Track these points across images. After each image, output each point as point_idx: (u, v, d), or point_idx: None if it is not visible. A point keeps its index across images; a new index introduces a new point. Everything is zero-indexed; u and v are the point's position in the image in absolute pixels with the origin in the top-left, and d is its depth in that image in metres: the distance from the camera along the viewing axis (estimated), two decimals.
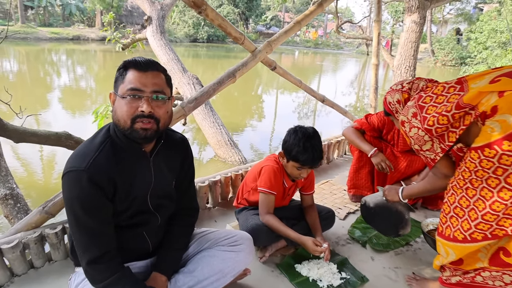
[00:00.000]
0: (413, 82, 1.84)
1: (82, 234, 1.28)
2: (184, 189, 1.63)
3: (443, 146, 1.55)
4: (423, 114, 1.56)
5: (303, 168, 1.94)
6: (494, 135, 1.32)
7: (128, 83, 1.27)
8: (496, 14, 20.21)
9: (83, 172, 1.23)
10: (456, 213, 1.51)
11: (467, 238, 1.47)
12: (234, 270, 1.59)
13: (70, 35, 27.70)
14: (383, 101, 1.96)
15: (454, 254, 1.55)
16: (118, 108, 1.28)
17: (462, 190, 1.48)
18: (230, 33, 2.46)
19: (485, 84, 1.40)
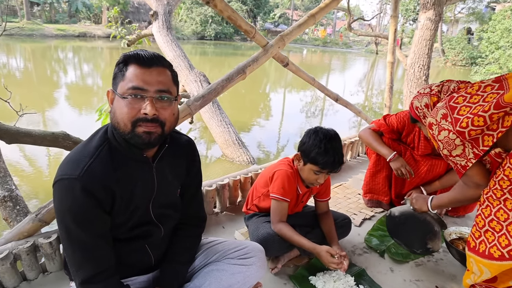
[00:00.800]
0: (443, 85, 1.70)
1: (75, 250, 1.13)
2: (190, 197, 1.48)
3: (477, 151, 1.39)
4: (454, 116, 1.42)
5: (321, 173, 1.78)
6: None
7: (129, 81, 1.10)
8: (510, 13, 19.89)
9: (76, 181, 1.08)
10: (492, 227, 1.36)
11: (504, 256, 1.32)
12: (244, 286, 1.43)
13: (76, 32, 27.62)
14: (409, 106, 1.81)
15: (489, 272, 1.40)
16: (117, 109, 1.12)
17: (499, 201, 1.34)
18: (240, 25, 2.31)
19: None
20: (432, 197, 1.80)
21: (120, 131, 1.13)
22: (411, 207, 1.91)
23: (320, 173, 1.79)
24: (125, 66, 1.12)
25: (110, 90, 1.16)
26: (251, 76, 2.64)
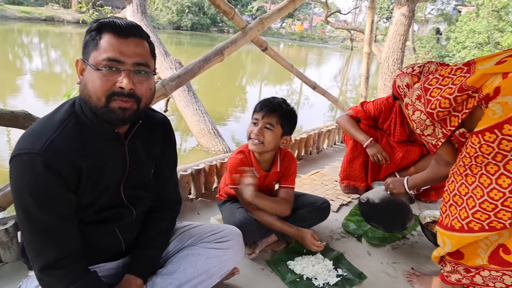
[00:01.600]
0: (424, 66, 1.77)
1: (35, 232, 1.03)
2: (165, 178, 1.39)
3: (445, 131, 1.49)
4: (427, 97, 1.50)
5: (257, 120, 1.77)
6: (495, 118, 1.25)
7: (103, 51, 1.01)
8: (475, 15, 20.69)
9: (37, 155, 0.98)
10: (455, 201, 1.42)
11: (464, 228, 1.37)
12: (221, 270, 1.38)
13: (43, 15, 25.82)
14: (392, 84, 1.86)
15: (450, 244, 1.46)
16: (89, 81, 1.02)
17: (462, 177, 1.40)
18: (219, 5, 2.24)
19: (491, 66, 1.33)
20: (407, 178, 1.85)
21: (91, 105, 1.04)
22: (388, 191, 1.93)
23: (256, 120, 1.78)
24: (99, 34, 1.02)
25: (80, 59, 1.05)
26: (227, 68, 2.58)
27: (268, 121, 1.76)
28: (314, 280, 1.68)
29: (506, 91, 1.23)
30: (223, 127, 6.84)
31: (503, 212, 1.26)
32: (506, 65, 1.27)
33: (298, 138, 3.15)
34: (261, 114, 1.76)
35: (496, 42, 18.08)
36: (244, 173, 1.71)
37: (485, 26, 18.63)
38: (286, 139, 1.85)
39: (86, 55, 1.03)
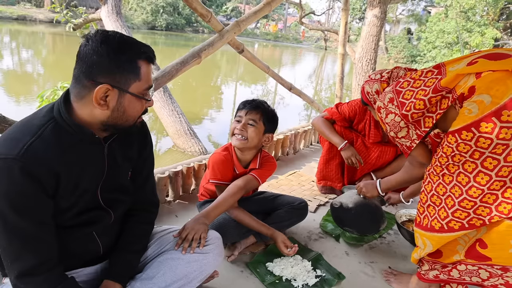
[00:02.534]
0: (392, 71, 1.80)
1: (12, 239, 1.01)
2: (142, 181, 1.38)
3: (419, 132, 1.50)
4: (400, 100, 1.51)
5: (240, 117, 1.82)
6: (471, 117, 1.28)
7: (145, 81, 1.10)
8: (444, 16, 21.31)
9: (15, 161, 0.96)
10: (433, 201, 1.44)
11: (444, 228, 1.40)
12: (201, 274, 1.38)
13: (15, 14, 25.16)
14: (361, 90, 1.88)
15: (431, 245, 1.48)
16: (130, 108, 1.11)
17: (439, 176, 1.42)
18: (196, 8, 2.23)
19: (463, 67, 1.35)
20: (379, 181, 1.87)
21: (124, 125, 1.14)
22: (361, 195, 1.96)
23: (239, 118, 1.83)
24: (136, 64, 1.06)
25: (109, 87, 1.03)
26: (202, 68, 2.58)
27: (251, 117, 1.80)
28: (293, 281, 1.70)
29: (481, 90, 1.26)
30: (199, 126, 6.81)
31: (481, 209, 1.30)
32: (479, 65, 1.30)
33: (275, 139, 3.18)
34: (245, 111, 1.81)
35: (464, 42, 18.67)
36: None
37: (453, 27, 19.21)
38: (268, 137, 1.88)
39: (123, 83, 1.06)
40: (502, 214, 1.26)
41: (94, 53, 1.00)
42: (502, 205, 1.26)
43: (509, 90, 1.19)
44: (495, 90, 1.22)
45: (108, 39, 1.03)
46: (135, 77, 1.06)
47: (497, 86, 1.22)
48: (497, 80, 1.23)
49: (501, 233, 1.29)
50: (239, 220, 1.78)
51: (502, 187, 1.26)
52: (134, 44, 1.08)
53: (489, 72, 1.26)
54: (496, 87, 1.23)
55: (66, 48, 17.32)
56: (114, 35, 1.05)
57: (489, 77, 1.26)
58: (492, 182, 1.26)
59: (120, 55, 1.03)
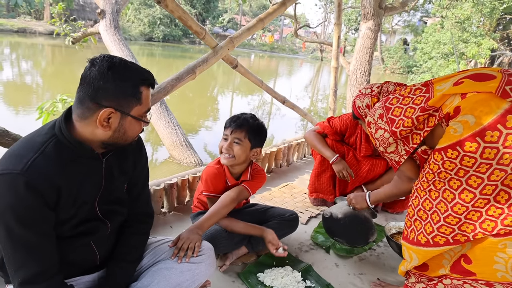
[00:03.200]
0: (382, 86, 1.84)
1: (17, 249, 1.08)
2: (138, 193, 1.45)
3: (407, 148, 1.55)
4: (389, 116, 1.56)
5: (226, 136, 1.88)
6: (457, 136, 1.33)
7: (145, 105, 1.20)
8: (439, 27, 21.46)
9: (19, 176, 1.03)
10: (420, 216, 1.50)
11: (429, 242, 1.45)
12: (194, 284, 1.43)
13: (15, 27, 25.67)
14: (352, 104, 1.93)
15: (417, 258, 1.53)
16: (130, 129, 1.20)
17: (425, 192, 1.47)
18: (190, 26, 2.31)
19: (449, 87, 1.40)
20: (369, 193, 1.93)
21: (123, 144, 1.24)
22: (351, 206, 2.01)
23: (226, 136, 1.89)
24: (138, 89, 1.16)
25: (112, 110, 1.11)
26: (199, 79, 2.65)
27: (236, 136, 1.86)
28: None
29: (466, 110, 1.31)
30: (195, 137, 6.88)
31: (466, 225, 1.35)
32: (464, 86, 1.36)
33: (268, 152, 3.24)
34: (230, 130, 1.87)
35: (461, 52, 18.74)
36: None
37: (449, 37, 19.30)
38: (256, 152, 1.95)
39: (127, 106, 1.16)
40: (485, 231, 1.31)
41: (100, 78, 1.08)
42: (486, 222, 1.31)
43: (493, 111, 1.24)
44: (479, 111, 1.27)
45: (115, 65, 1.11)
46: (137, 101, 1.15)
47: (481, 107, 1.27)
48: (481, 101, 1.28)
49: (485, 249, 1.34)
50: (228, 227, 1.85)
51: (486, 204, 1.31)
52: (138, 71, 1.17)
53: (473, 93, 1.32)
54: (480, 108, 1.27)
55: (66, 59, 17.46)
56: (119, 61, 1.13)
57: (473, 98, 1.31)
58: (476, 200, 1.31)
59: (125, 82, 1.12)
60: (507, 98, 1.23)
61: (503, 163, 1.23)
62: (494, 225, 1.30)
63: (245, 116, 1.92)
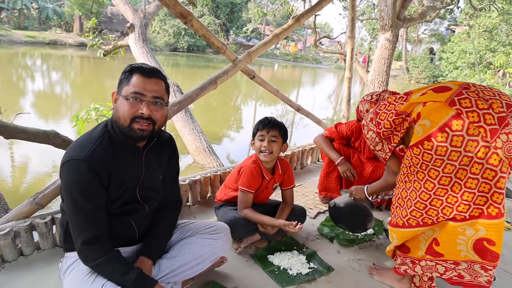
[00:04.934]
0: (380, 94, 2.11)
1: (80, 216, 1.41)
2: (170, 183, 1.79)
3: (390, 147, 1.82)
4: (377, 119, 1.83)
5: (263, 136, 2.19)
6: (418, 136, 1.59)
7: (132, 86, 1.43)
8: (466, 36, 21.14)
9: (83, 161, 1.37)
10: (399, 203, 1.77)
11: (405, 224, 1.73)
12: (212, 256, 1.75)
13: (47, 39, 27.08)
14: (356, 109, 2.21)
15: (397, 238, 1.80)
16: (120, 107, 1.44)
17: (402, 183, 1.74)
18: (213, 42, 2.65)
19: (417, 96, 1.67)
20: (366, 186, 2.20)
21: (119, 124, 1.44)
22: (351, 197, 2.27)
23: (262, 137, 2.20)
24: (130, 74, 1.44)
25: (115, 92, 1.47)
26: (222, 89, 2.98)
27: (273, 134, 2.20)
28: (289, 270, 2.04)
29: (424, 115, 1.58)
30: (218, 146, 7.20)
31: (431, 210, 1.62)
32: (426, 96, 1.62)
33: (283, 155, 3.54)
34: (266, 130, 2.20)
35: (488, 62, 18.35)
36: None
37: (475, 46, 18.94)
38: (285, 146, 2.29)
39: (120, 88, 1.45)
40: (445, 216, 1.59)
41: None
42: (446, 208, 1.58)
43: (442, 117, 1.52)
44: (433, 116, 1.54)
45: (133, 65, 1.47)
46: (127, 82, 1.44)
47: (434, 114, 1.54)
48: (435, 109, 1.55)
49: (448, 233, 1.61)
50: (248, 217, 2.16)
51: (445, 194, 1.57)
52: (137, 65, 1.48)
53: (431, 102, 1.59)
54: (433, 114, 1.55)
55: (94, 69, 18.25)
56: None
57: (430, 106, 1.58)
58: (437, 189, 1.58)
59: (125, 71, 1.46)
60: (453, 106, 1.50)
61: (452, 159, 1.50)
62: (451, 210, 1.56)
63: (272, 117, 2.27)
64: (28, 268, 1.84)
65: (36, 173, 5.10)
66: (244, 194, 2.21)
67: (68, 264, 1.57)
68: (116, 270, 1.46)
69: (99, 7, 30.29)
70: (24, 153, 5.73)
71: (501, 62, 17.22)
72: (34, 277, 1.78)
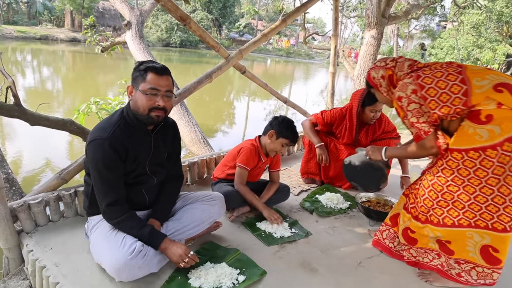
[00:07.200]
0: (397, 61, 2.04)
1: (104, 184, 1.79)
2: (173, 160, 2.17)
3: (434, 124, 1.82)
4: (423, 93, 1.78)
5: (287, 145, 2.62)
6: (481, 141, 1.61)
7: (148, 83, 1.75)
8: (455, 32, 21.47)
9: (106, 140, 1.75)
10: (440, 205, 1.85)
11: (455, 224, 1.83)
12: (210, 219, 2.15)
13: (38, 34, 27.05)
14: (367, 75, 2.17)
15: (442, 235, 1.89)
16: (139, 100, 1.77)
17: (442, 187, 1.81)
18: (208, 42, 3.03)
19: (490, 90, 1.63)
20: (385, 148, 2.20)
21: (138, 114, 1.80)
22: (367, 156, 2.29)
23: (286, 146, 2.62)
24: (145, 73, 1.78)
25: (131, 86, 1.83)
26: (217, 84, 3.34)
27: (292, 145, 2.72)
28: (274, 234, 2.44)
29: (497, 122, 1.56)
30: (211, 140, 7.52)
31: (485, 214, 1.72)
32: (503, 97, 1.58)
33: None
34: (292, 144, 2.65)
35: (475, 58, 18.47)
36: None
37: (463, 43, 19.16)
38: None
39: (136, 84, 1.80)
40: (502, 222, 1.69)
41: (133, 70, 1.82)
42: (502, 217, 1.69)
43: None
44: (505, 125, 1.56)
45: (139, 62, 1.82)
46: (143, 80, 1.76)
47: (507, 123, 1.56)
48: (509, 118, 1.57)
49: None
50: (241, 192, 2.56)
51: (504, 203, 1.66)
52: (149, 62, 1.82)
53: (507, 109, 1.57)
54: (506, 123, 1.56)
55: (87, 65, 18.23)
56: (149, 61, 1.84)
57: (505, 113, 1.57)
58: (495, 196, 1.65)
59: (139, 70, 1.79)
60: None
61: None
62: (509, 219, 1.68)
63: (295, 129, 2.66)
64: (57, 231, 2.22)
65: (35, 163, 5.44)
66: (241, 170, 2.60)
67: (93, 224, 1.95)
68: (134, 226, 1.84)
69: (91, 2, 30.25)
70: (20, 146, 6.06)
71: (487, 58, 17.48)
72: (63, 237, 2.15)
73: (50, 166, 5.41)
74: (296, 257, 2.23)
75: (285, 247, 2.32)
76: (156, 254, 1.85)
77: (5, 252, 2.12)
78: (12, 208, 2.07)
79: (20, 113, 2.35)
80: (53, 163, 5.53)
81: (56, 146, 6.26)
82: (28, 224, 2.16)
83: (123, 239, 1.79)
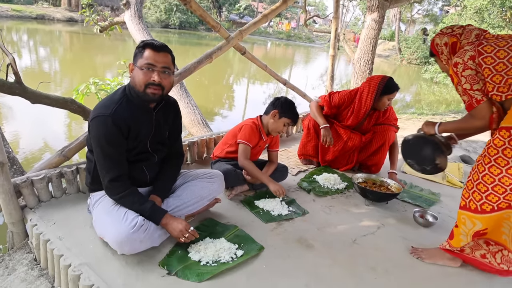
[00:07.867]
0: (465, 28, 1.94)
1: (106, 160, 1.83)
2: (174, 139, 2.20)
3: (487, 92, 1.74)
4: (479, 60, 1.73)
5: (289, 125, 2.69)
6: None
7: (145, 59, 1.76)
8: (457, 17, 21.21)
9: (108, 117, 1.77)
10: (479, 188, 1.75)
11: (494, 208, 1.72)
12: (209, 196, 2.21)
13: (34, 13, 26.43)
14: (431, 42, 2.07)
15: (481, 224, 1.78)
16: (136, 75, 1.79)
17: (484, 168, 1.72)
18: (208, 22, 3.03)
19: None
20: (440, 122, 2.09)
21: (136, 89, 1.82)
22: (422, 131, 2.21)
23: (288, 126, 2.68)
24: (143, 49, 1.80)
25: (131, 63, 1.85)
26: (215, 67, 3.35)
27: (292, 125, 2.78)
28: (272, 212, 2.49)
29: None
30: (210, 123, 7.55)
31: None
32: None
33: None
34: (292, 124, 2.74)
35: None
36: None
37: None
38: None
39: (135, 61, 1.82)
40: None
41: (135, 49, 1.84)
42: None
43: None
44: None
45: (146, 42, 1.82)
46: (140, 56, 1.77)
47: None
48: None
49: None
50: (246, 168, 2.60)
51: None
52: (149, 41, 1.82)
53: None
54: None
55: (84, 45, 17.96)
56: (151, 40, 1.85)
57: None
58: None
59: (139, 46, 1.81)
60: None
61: None
62: None
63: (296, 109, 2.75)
64: (59, 206, 2.27)
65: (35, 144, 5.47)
66: (244, 146, 2.65)
67: (96, 200, 2.00)
68: (135, 201, 1.89)
69: None
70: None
71: None
72: (66, 213, 2.20)
73: (49, 148, 5.45)
74: (293, 234, 2.28)
75: (282, 224, 2.38)
76: (157, 229, 1.90)
77: (9, 226, 2.17)
78: (16, 183, 2.11)
79: (21, 91, 2.37)
80: (51, 145, 5.56)
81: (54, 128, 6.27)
82: (31, 199, 2.20)
83: (125, 214, 1.84)
